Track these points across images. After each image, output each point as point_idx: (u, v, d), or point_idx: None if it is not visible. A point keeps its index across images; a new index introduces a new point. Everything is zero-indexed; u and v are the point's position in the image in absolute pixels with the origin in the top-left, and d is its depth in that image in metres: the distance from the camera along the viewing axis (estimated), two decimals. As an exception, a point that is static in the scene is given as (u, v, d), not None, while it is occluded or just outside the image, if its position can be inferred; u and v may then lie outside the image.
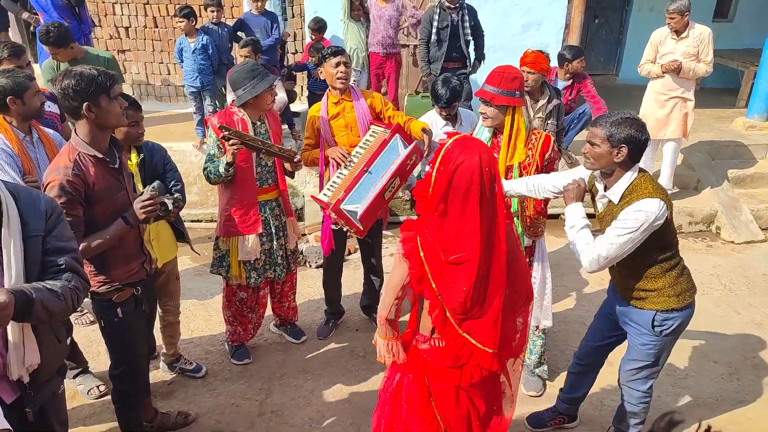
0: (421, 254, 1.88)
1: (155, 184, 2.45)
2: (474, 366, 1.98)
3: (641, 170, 2.38)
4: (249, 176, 3.18)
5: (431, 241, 1.87)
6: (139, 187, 2.81)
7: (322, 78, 3.50)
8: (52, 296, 1.69)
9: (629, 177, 2.34)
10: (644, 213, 2.25)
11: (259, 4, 5.80)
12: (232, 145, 2.91)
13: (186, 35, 5.54)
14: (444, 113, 3.52)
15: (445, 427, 2.13)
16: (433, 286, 1.89)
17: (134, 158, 2.87)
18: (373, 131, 3.28)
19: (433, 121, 3.63)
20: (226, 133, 2.90)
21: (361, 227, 3.04)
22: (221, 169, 3.03)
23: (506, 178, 2.96)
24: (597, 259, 2.34)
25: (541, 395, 3.32)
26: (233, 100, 3.15)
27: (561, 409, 3.09)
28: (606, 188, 2.42)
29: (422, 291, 1.93)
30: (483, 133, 3.02)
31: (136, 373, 2.67)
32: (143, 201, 2.36)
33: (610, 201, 2.40)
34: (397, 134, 3.16)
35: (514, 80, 2.80)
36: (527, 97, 4.10)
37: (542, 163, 2.92)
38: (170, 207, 2.55)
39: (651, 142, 5.39)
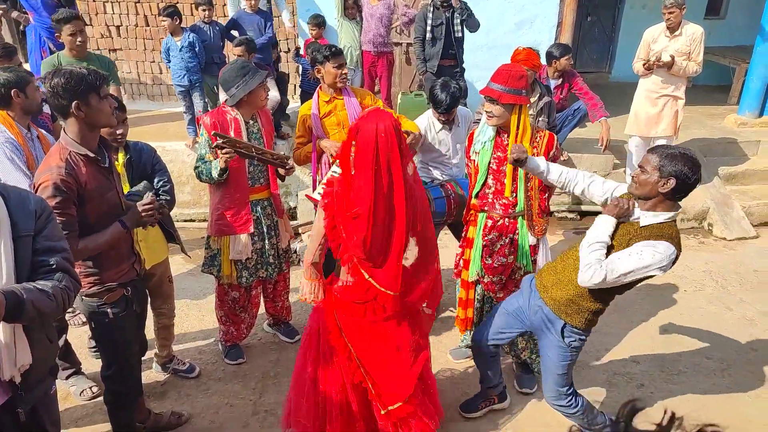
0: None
1: (142, 184, 2.44)
2: (378, 305, 2.32)
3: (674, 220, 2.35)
4: (241, 176, 3.17)
5: (340, 196, 2.18)
6: (126, 187, 2.79)
7: (319, 76, 3.49)
8: (43, 296, 1.68)
9: (668, 216, 2.30)
10: (660, 255, 2.23)
11: (253, 2, 5.77)
12: (226, 153, 2.91)
13: (171, 34, 5.52)
14: (443, 118, 3.50)
15: (358, 356, 2.43)
16: (343, 234, 2.20)
17: (121, 158, 2.85)
18: None
19: (431, 123, 3.59)
20: (221, 141, 2.89)
21: None
22: (214, 174, 3.03)
23: (513, 178, 2.95)
24: (595, 280, 2.31)
25: (533, 392, 3.33)
26: (226, 100, 3.14)
27: (485, 393, 3.16)
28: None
29: (335, 238, 2.24)
30: (487, 132, 3.00)
31: (128, 373, 2.66)
32: (144, 205, 2.38)
33: (637, 220, 2.36)
34: None
35: (521, 78, 2.80)
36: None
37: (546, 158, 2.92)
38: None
39: (643, 140, 5.47)
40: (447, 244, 3.97)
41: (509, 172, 2.94)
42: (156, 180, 2.94)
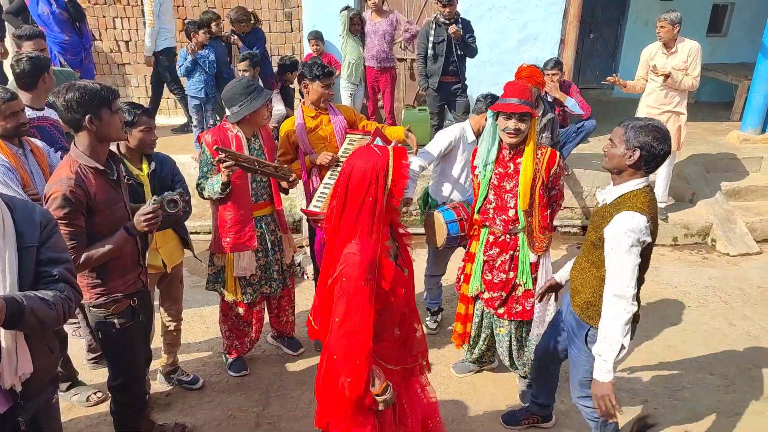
0: None
1: (167, 194, 2.46)
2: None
3: (650, 188, 2.33)
4: (244, 192, 3.19)
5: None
6: (148, 197, 2.85)
7: (304, 91, 3.52)
8: (44, 305, 1.71)
9: (633, 184, 2.29)
10: (624, 229, 2.20)
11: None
12: (228, 167, 2.93)
13: (195, 48, 5.61)
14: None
15: None
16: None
17: (145, 168, 2.90)
18: (350, 140, 3.33)
19: (465, 134, 3.57)
20: (223, 155, 2.92)
21: None
22: (217, 189, 3.04)
23: (513, 195, 2.96)
24: (627, 308, 2.25)
25: None
26: (227, 116, 3.18)
27: (533, 410, 3.14)
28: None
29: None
30: (492, 152, 3.01)
31: (134, 383, 2.68)
32: (145, 213, 2.39)
33: (604, 201, 2.39)
34: (377, 137, 3.22)
35: (528, 90, 2.90)
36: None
37: (548, 178, 2.94)
38: (176, 198, 2.48)
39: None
40: (453, 258, 3.99)
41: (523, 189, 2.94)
42: (175, 190, 2.98)
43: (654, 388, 3.56)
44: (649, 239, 2.24)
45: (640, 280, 2.36)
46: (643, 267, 2.34)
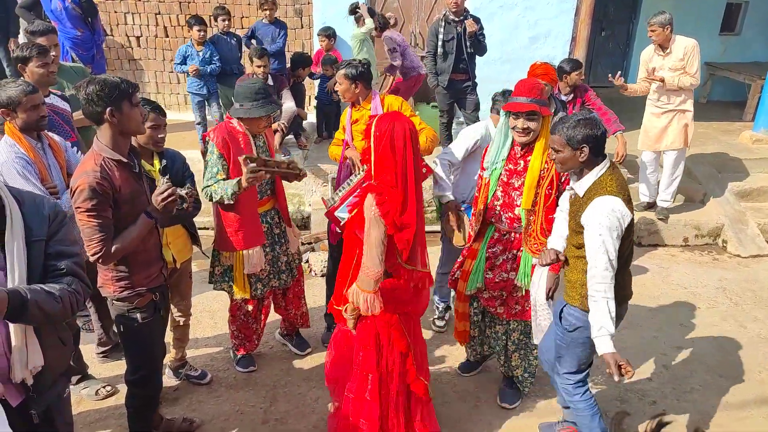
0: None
1: (185, 187, 2.49)
2: (425, 289, 2.62)
3: (612, 166, 2.48)
4: (252, 192, 3.18)
5: (391, 201, 2.32)
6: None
7: (335, 89, 3.55)
8: (49, 298, 1.72)
9: (596, 172, 2.45)
10: (604, 212, 2.33)
11: (268, 12, 5.92)
12: (254, 172, 2.91)
13: (196, 44, 5.61)
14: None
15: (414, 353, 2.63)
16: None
17: (156, 164, 2.92)
18: None
19: (489, 133, 3.50)
20: (253, 165, 2.93)
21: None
22: (229, 192, 2.98)
23: (520, 192, 2.92)
24: (606, 296, 2.36)
25: (515, 408, 3.32)
26: (230, 110, 3.19)
27: (568, 417, 3.08)
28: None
29: (396, 241, 2.36)
30: (502, 152, 2.98)
31: (154, 376, 2.71)
32: (161, 192, 2.38)
33: (576, 193, 2.52)
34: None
35: (542, 90, 2.86)
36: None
37: (558, 179, 2.86)
38: (184, 195, 2.52)
39: (654, 154, 5.45)
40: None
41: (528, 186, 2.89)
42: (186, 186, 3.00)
43: (663, 389, 3.54)
44: (629, 217, 2.37)
45: (624, 266, 2.52)
46: (626, 252, 2.48)
